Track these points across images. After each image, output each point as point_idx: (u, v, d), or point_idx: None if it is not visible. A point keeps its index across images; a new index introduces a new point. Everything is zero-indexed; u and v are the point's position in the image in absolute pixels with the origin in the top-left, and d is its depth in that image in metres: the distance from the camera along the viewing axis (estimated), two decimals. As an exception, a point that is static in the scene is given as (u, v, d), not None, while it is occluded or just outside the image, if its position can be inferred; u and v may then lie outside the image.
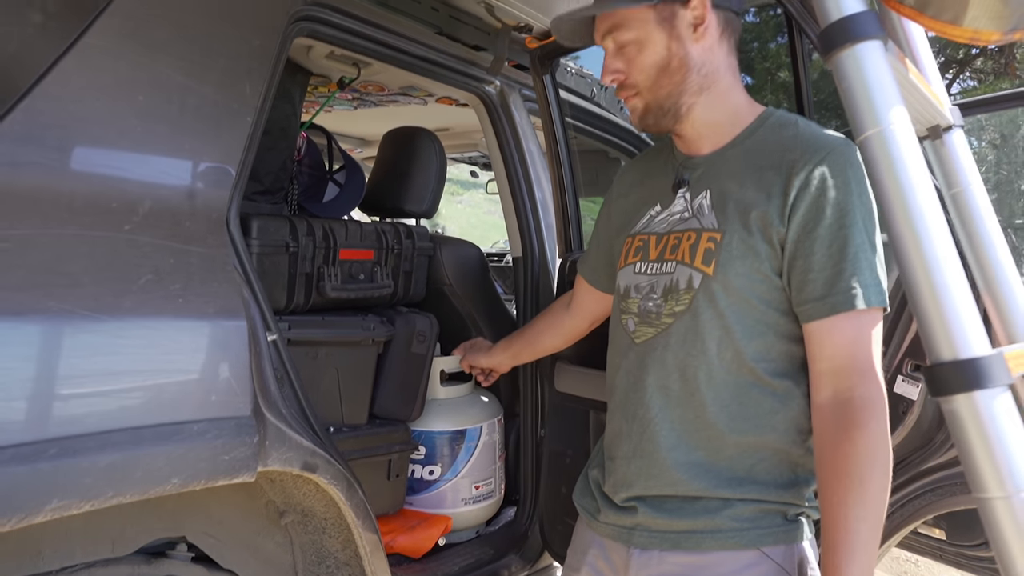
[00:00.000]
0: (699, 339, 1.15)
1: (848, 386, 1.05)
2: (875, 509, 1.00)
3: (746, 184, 1.15)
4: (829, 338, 1.08)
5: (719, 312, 1.14)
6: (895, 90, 0.79)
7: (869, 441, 1.01)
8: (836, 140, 1.12)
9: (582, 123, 2.53)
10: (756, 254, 1.11)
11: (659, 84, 1.17)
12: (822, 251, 1.07)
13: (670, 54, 1.16)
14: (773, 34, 10.68)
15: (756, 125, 1.20)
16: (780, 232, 1.10)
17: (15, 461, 0.89)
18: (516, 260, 2.15)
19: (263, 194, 1.83)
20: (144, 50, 1.18)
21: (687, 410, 1.17)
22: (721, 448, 1.15)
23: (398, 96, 2.50)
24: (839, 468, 1.02)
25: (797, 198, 1.09)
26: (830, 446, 1.05)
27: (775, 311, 1.13)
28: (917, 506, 1.45)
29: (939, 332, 0.76)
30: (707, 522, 1.14)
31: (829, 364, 1.08)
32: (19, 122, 1.02)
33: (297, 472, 1.26)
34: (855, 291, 1.05)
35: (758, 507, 1.13)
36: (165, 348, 1.08)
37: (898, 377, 1.38)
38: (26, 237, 0.98)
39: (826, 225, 1.07)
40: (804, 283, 1.09)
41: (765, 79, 10.14)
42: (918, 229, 0.77)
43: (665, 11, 1.15)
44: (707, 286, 1.14)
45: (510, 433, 2.19)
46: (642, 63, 1.17)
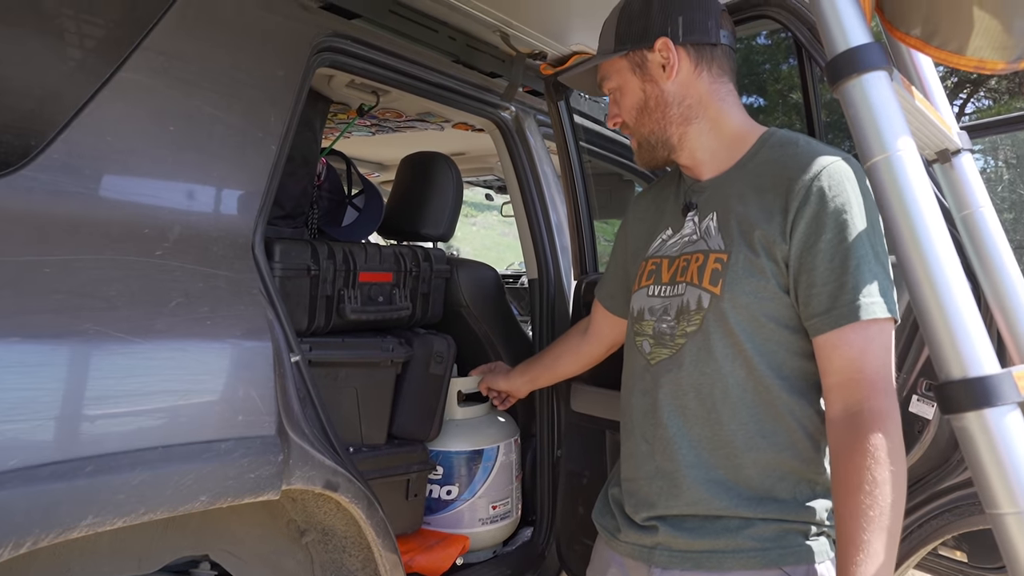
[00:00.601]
0: (712, 358, 1.17)
1: (858, 399, 1.06)
2: (887, 522, 1.00)
3: (749, 204, 1.18)
4: (836, 352, 1.09)
5: (729, 331, 1.16)
6: (900, 118, 0.82)
7: (883, 452, 1.01)
8: (834, 156, 1.14)
9: (596, 146, 2.56)
10: (762, 272, 1.14)
11: (641, 123, 1.29)
12: (824, 265, 1.09)
13: (646, 95, 1.28)
14: (784, 56, 10.73)
15: (758, 146, 1.24)
16: (784, 249, 1.12)
17: (53, 478, 0.92)
18: (532, 282, 2.18)
19: (284, 219, 1.87)
20: (175, 83, 1.23)
21: (704, 428, 1.18)
22: (740, 466, 1.16)
23: (415, 122, 2.55)
24: (852, 481, 1.02)
25: (797, 215, 1.11)
26: (843, 459, 1.06)
27: (785, 328, 1.15)
28: (935, 526, 1.45)
29: (949, 351, 0.78)
30: (728, 542, 1.14)
31: (838, 378, 1.09)
32: (60, 152, 1.07)
33: (319, 490, 1.28)
34: (859, 303, 1.06)
35: (779, 526, 1.14)
36: (194, 369, 1.12)
37: (913, 397, 1.39)
38: (65, 261, 1.02)
39: (827, 240, 1.09)
40: (809, 298, 1.11)
41: (777, 101, 10.17)
42: (925, 251, 0.79)
43: (636, 58, 1.27)
44: (716, 306, 1.17)
45: (527, 453, 2.20)
46: (626, 106, 1.30)
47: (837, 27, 0.86)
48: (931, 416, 1.36)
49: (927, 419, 1.37)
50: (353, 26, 1.65)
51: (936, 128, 1.04)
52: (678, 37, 1.23)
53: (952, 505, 1.42)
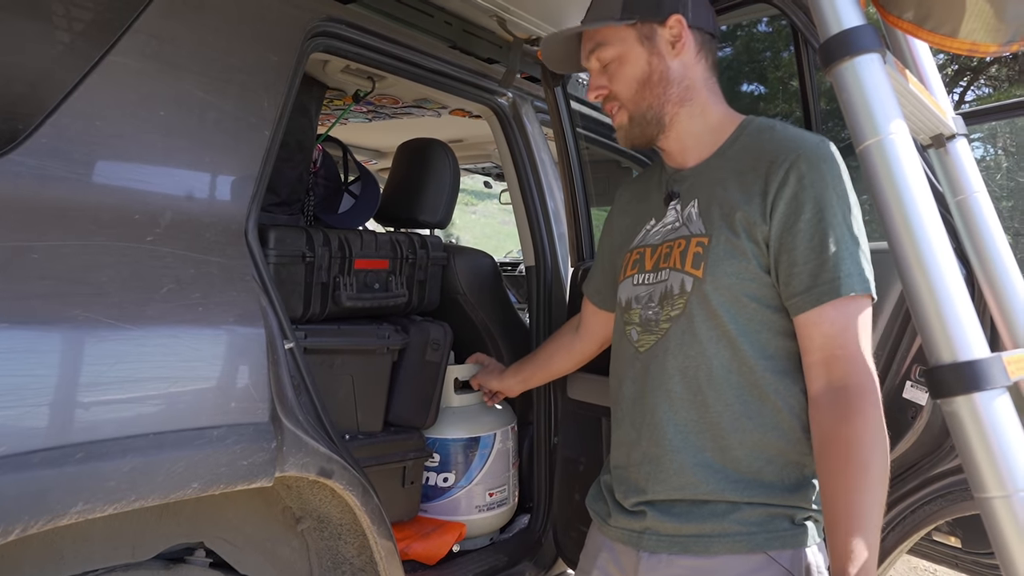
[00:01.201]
0: (696, 341, 1.18)
1: (841, 375, 1.08)
2: (879, 493, 1.01)
3: (729, 188, 1.20)
4: (817, 329, 1.10)
5: (712, 312, 1.17)
6: (893, 101, 0.81)
7: (868, 427, 1.03)
8: (811, 138, 1.17)
9: (593, 133, 2.55)
10: (743, 254, 1.15)
11: (641, 96, 1.26)
12: (804, 245, 1.11)
13: (651, 68, 1.25)
14: (785, 44, 10.67)
15: (737, 133, 1.26)
16: (764, 230, 1.14)
17: (44, 464, 0.92)
18: (529, 269, 2.18)
19: (280, 205, 1.86)
20: (166, 67, 1.22)
21: (691, 411, 1.19)
22: (727, 448, 1.17)
23: (412, 108, 2.54)
24: (839, 456, 1.04)
25: (776, 196, 1.13)
26: (828, 435, 1.07)
27: (768, 308, 1.16)
28: (928, 511, 1.45)
29: (939, 335, 0.78)
30: (715, 526, 1.16)
31: (820, 355, 1.10)
32: (47, 136, 1.06)
33: (313, 478, 1.28)
34: (838, 280, 1.08)
35: (765, 511, 1.15)
36: (186, 356, 1.11)
37: (907, 383, 1.39)
38: (54, 247, 1.01)
39: (806, 219, 1.11)
40: (790, 277, 1.12)
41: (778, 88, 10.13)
42: (916, 235, 0.79)
43: (645, 29, 1.25)
44: (698, 288, 1.18)
45: (523, 441, 2.21)
46: (624, 77, 1.26)
47: (830, 9, 0.85)
48: (924, 402, 1.36)
49: (920, 405, 1.37)
50: (348, 10, 1.64)
51: (931, 112, 1.04)
52: (688, 17, 1.24)
53: (945, 491, 1.43)
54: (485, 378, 1.97)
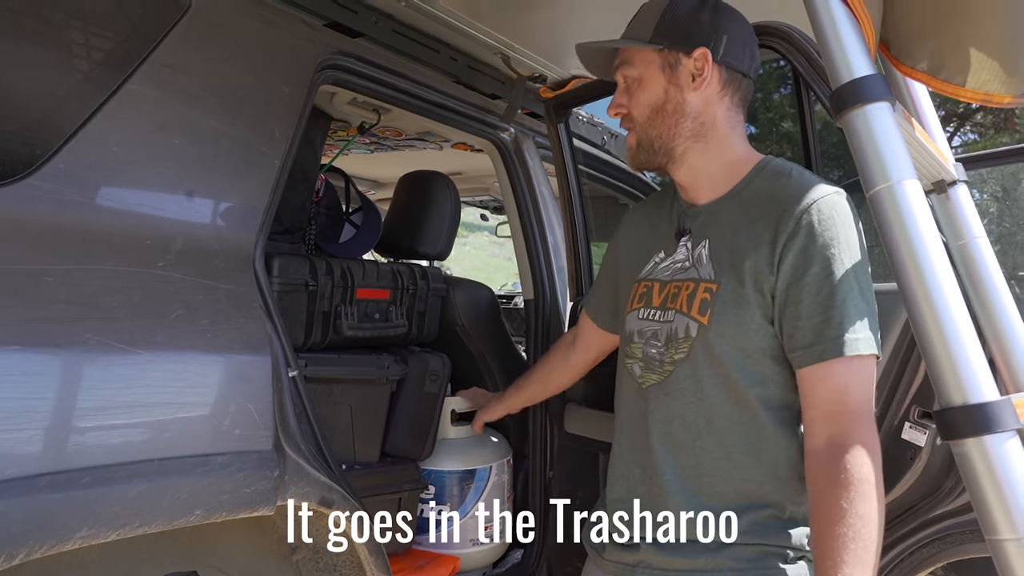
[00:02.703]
0: (699, 387, 1.18)
1: (841, 431, 1.06)
2: (865, 555, 0.99)
3: (739, 235, 1.19)
4: (821, 384, 1.09)
5: (716, 360, 1.17)
6: (903, 148, 0.84)
7: (863, 486, 1.01)
8: (826, 190, 1.14)
9: (593, 170, 2.59)
10: (748, 304, 1.14)
11: (652, 123, 1.24)
12: (810, 299, 1.09)
13: (667, 97, 1.23)
14: (776, 85, 10.88)
15: (753, 175, 1.24)
16: (771, 281, 1.13)
17: (50, 488, 0.91)
18: (528, 302, 2.19)
19: (283, 234, 1.87)
20: (181, 96, 1.23)
21: (689, 456, 1.19)
22: (723, 494, 1.17)
23: (415, 141, 2.57)
24: (833, 512, 1.01)
25: (785, 248, 1.12)
26: (824, 490, 1.05)
27: (771, 360, 1.16)
28: (926, 554, 1.45)
29: (949, 378, 0.79)
30: (708, 561, 1.15)
31: (821, 410, 1.09)
32: (65, 162, 1.07)
33: (314, 507, 1.27)
34: (843, 339, 1.07)
35: (759, 549, 1.15)
36: (193, 381, 1.11)
37: (905, 424, 1.40)
38: (67, 271, 1.02)
39: (814, 273, 1.10)
40: (794, 331, 1.11)
41: (769, 129, 10.30)
42: (927, 278, 0.81)
43: (670, 57, 1.22)
44: (703, 336, 1.17)
45: (519, 474, 2.19)
46: (640, 100, 1.25)
47: (842, 59, 0.88)
48: (923, 443, 1.37)
49: (919, 446, 1.38)
50: (357, 44, 1.67)
51: (933, 159, 1.06)
52: (718, 53, 1.21)
53: (943, 533, 1.43)
54: (487, 414, 1.93)
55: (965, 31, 0.91)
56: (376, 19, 1.75)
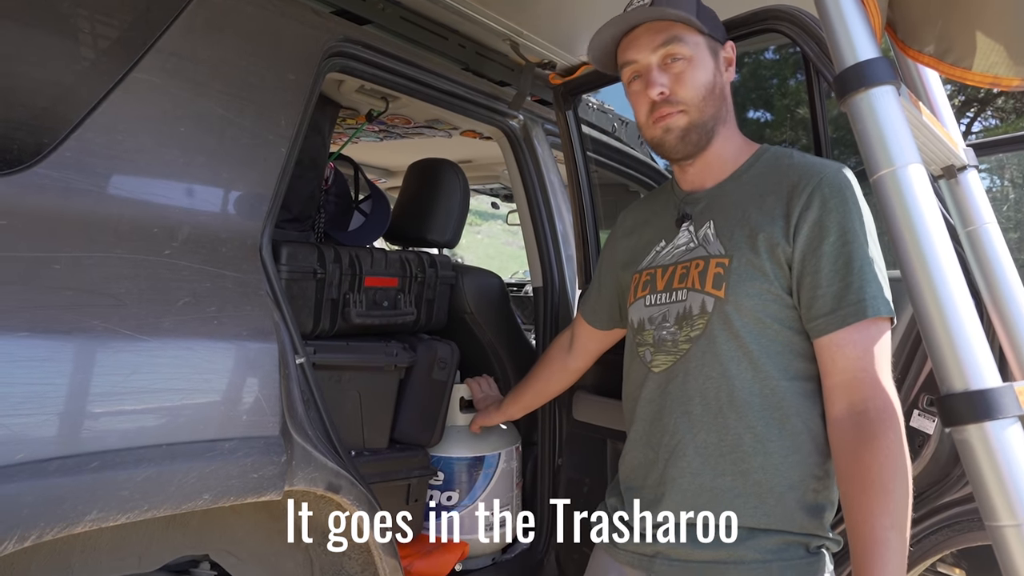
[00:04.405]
0: (717, 361, 1.18)
1: (862, 397, 1.08)
2: (901, 516, 1.01)
3: (749, 211, 1.21)
4: (840, 351, 1.11)
5: (734, 333, 1.17)
6: (907, 132, 0.83)
7: (889, 450, 1.03)
8: (831, 165, 1.20)
9: (603, 157, 2.57)
10: (765, 275, 1.16)
11: (706, 103, 1.25)
12: (828, 267, 1.12)
13: (714, 80, 1.26)
14: (792, 71, 10.75)
15: (753, 160, 1.29)
16: (787, 251, 1.15)
17: (60, 472, 0.93)
18: (537, 290, 2.19)
19: (291, 222, 1.88)
20: (187, 85, 1.24)
21: (711, 434, 1.19)
22: (747, 471, 1.16)
23: (423, 129, 2.56)
24: (863, 479, 1.03)
25: (800, 219, 1.15)
26: (851, 458, 1.06)
27: (789, 330, 1.17)
28: (934, 541, 1.44)
29: (951, 364, 0.79)
30: (729, 553, 1.14)
31: (842, 377, 1.11)
32: (72, 150, 1.08)
33: (321, 492, 1.29)
34: (864, 303, 1.09)
35: (781, 538, 1.14)
36: (201, 368, 1.13)
37: (914, 411, 1.39)
38: (75, 259, 1.03)
39: (830, 243, 1.12)
40: (813, 299, 1.13)
41: (785, 115, 10.20)
42: (929, 263, 0.80)
43: (712, 43, 1.28)
44: (720, 309, 1.18)
45: (527, 461, 2.20)
46: (694, 80, 1.24)
47: (846, 41, 0.86)
48: (932, 431, 1.36)
49: (927, 434, 1.37)
50: (364, 32, 1.67)
51: (943, 144, 1.05)
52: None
53: (952, 520, 1.42)
54: (486, 418, 1.96)
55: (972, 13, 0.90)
56: (383, 6, 1.75)
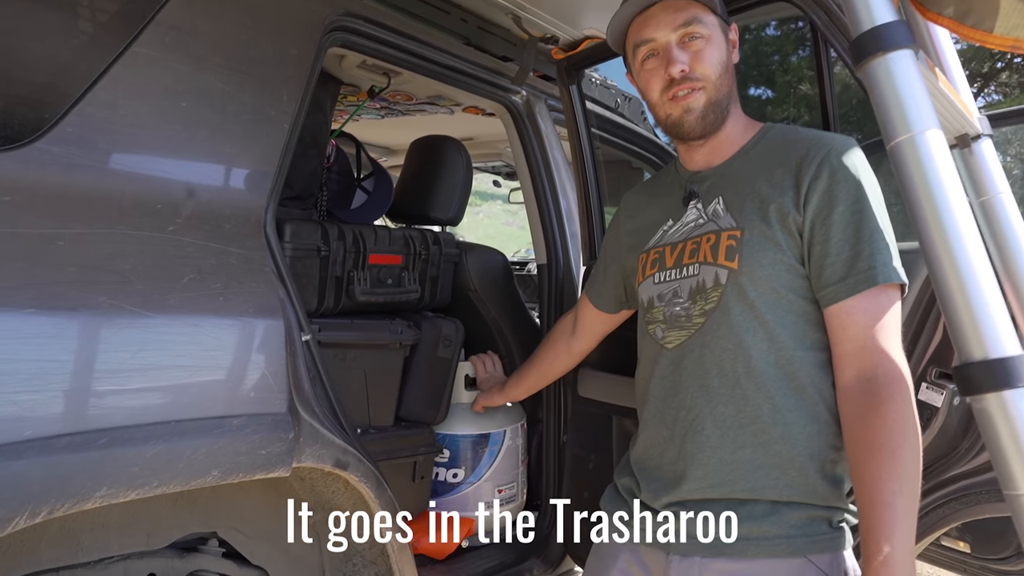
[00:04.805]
0: (733, 333, 1.18)
1: (872, 364, 1.08)
2: (910, 481, 1.00)
3: (758, 184, 1.22)
4: (851, 319, 1.11)
5: (749, 304, 1.17)
6: (926, 98, 0.81)
7: (898, 415, 1.03)
8: (839, 137, 1.21)
9: (606, 133, 2.55)
10: (777, 245, 1.16)
11: (722, 82, 1.26)
12: (838, 235, 1.12)
13: (728, 60, 1.28)
14: (794, 48, 10.66)
15: (759, 137, 1.30)
16: (798, 221, 1.16)
17: (69, 449, 0.92)
18: (541, 267, 2.18)
19: (294, 200, 1.86)
20: (188, 59, 1.22)
21: (729, 406, 1.18)
22: (768, 443, 1.15)
23: (425, 105, 2.54)
24: (871, 444, 1.03)
25: (810, 188, 1.15)
26: (859, 424, 1.06)
27: (803, 299, 1.17)
28: (941, 515, 1.44)
29: (970, 332, 0.78)
30: (752, 529, 1.14)
31: (852, 345, 1.11)
32: (72, 126, 1.07)
33: (329, 469, 1.29)
34: (875, 269, 1.09)
35: (805, 513, 1.13)
36: (207, 345, 1.12)
37: (922, 384, 1.39)
38: (79, 235, 1.02)
39: (840, 211, 1.13)
40: (823, 268, 1.13)
41: (787, 92, 10.12)
42: (948, 231, 0.79)
43: (722, 24, 1.29)
44: (734, 280, 1.18)
45: (533, 438, 2.21)
46: (712, 59, 1.25)
47: (863, 5, 0.85)
48: (939, 404, 1.35)
49: (935, 407, 1.37)
50: (366, 6, 1.64)
51: (957, 111, 1.03)
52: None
53: (960, 493, 1.42)
54: (488, 398, 1.97)
55: None
56: (384, -21, 1.72)
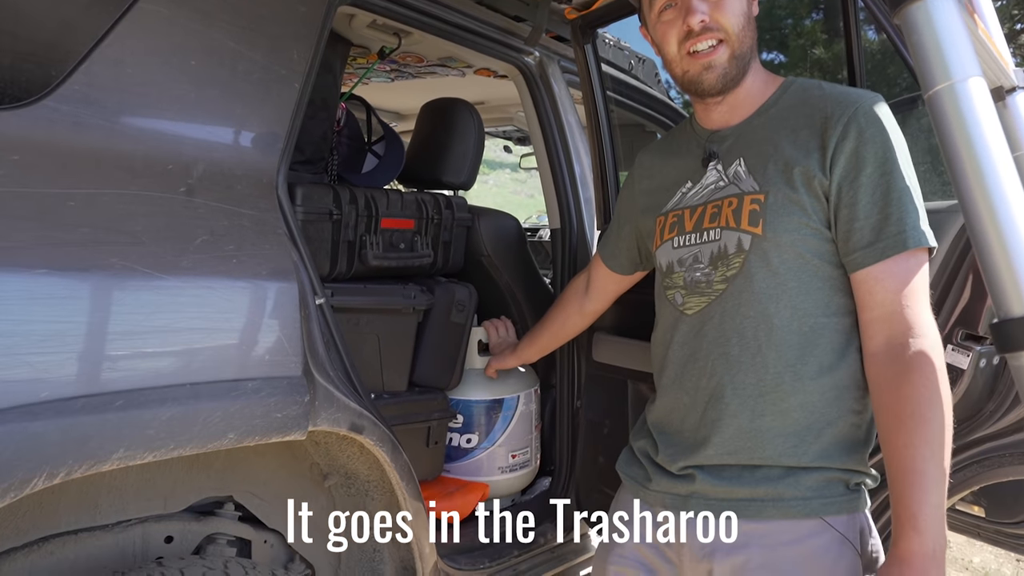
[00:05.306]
0: (756, 299, 1.15)
1: (902, 330, 1.05)
2: (941, 448, 0.99)
3: (782, 145, 1.17)
4: (879, 284, 1.08)
5: (773, 270, 1.14)
6: (968, 43, 0.78)
7: (929, 382, 1.01)
8: (865, 94, 1.15)
9: (620, 96, 2.50)
10: (803, 209, 1.13)
11: (745, 33, 1.21)
12: (866, 199, 1.09)
13: (749, 11, 1.22)
14: (808, 10, 10.45)
15: (779, 93, 1.24)
16: (824, 184, 1.12)
17: (85, 411, 0.92)
18: (554, 232, 2.15)
19: (304, 164, 1.84)
20: (196, 15, 1.19)
21: (749, 374, 1.16)
22: (787, 410, 1.14)
23: (436, 67, 2.49)
24: (901, 411, 1.02)
25: (837, 150, 1.11)
26: (889, 391, 1.05)
27: (829, 264, 1.14)
28: (963, 478, 1.43)
29: (1010, 288, 0.75)
30: (768, 490, 1.13)
31: (881, 311, 1.08)
32: (80, 84, 1.04)
33: (344, 433, 1.28)
34: (904, 234, 1.06)
35: (821, 475, 1.13)
36: (221, 307, 1.10)
37: (948, 346, 1.36)
38: (91, 195, 1.00)
39: (868, 173, 1.09)
40: (850, 232, 1.10)
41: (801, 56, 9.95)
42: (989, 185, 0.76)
43: None
44: (758, 246, 1.15)
45: (546, 403, 2.20)
46: (733, 8, 1.20)
47: (902, -54, 0.81)
48: (966, 366, 1.33)
49: (961, 369, 1.35)
50: (376, -38, 1.60)
51: (995, 62, 0.99)
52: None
53: (982, 456, 1.41)
54: (501, 360, 1.96)
55: None
56: (395, -65, 1.67)
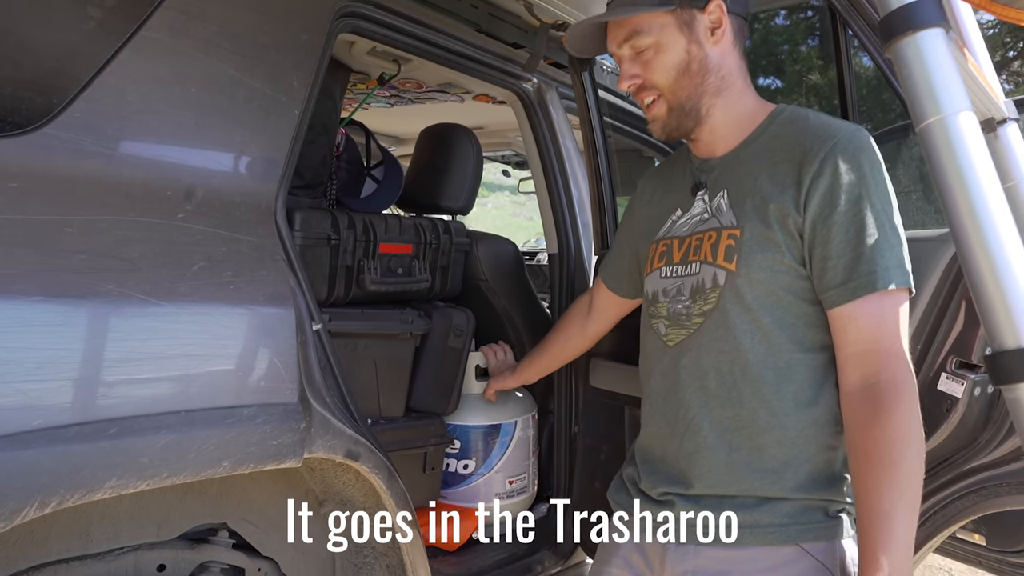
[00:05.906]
0: (730, 335, 1.16)
1: (875, 370, 1.05)
2: (910, 491, 0.99)
3: (761, 179, 1.16)
4: (853, 323, 1.07)
5: (747, 307, 1.14)
6: (957, 78, 0.79)
7: (899, 424, 1.00)
8: (847, 127, 1.14)
9: (618, 121, 2.53)
10: (776, 246, 1.12)
11: (680, 85, 1.20)
12: (839, 237, 1.08)
13: (690, 56, 1.19)
14: (804, 37, 10.57)
15: (767, 123, 1.23)
16: (798, 221, 1.11)
17: (78, 439, 0.91)
18: (552, 256, 2.16)
19: (303, 188, 1.85)
20: (197, 44, 1.20)
21: (726, 409, 1.17)
22: (763, 446, 1.14)
23: (435, 93, 2.52)
24: (870, 453, 1.01)
25: (811, 187, 1.10)
26: (860, 431, 1.04)
27: (804, 301, 1.14)
28: (959, 507, 1.43)
29: (1003, 321, 0.76)
30: (745, 517, 1.13)
31: (854, 349, 1.08)
32: (81, 111, 1.05)
33: (340, 460, 1.27)
34: (875, 274, 1.05)
35: (799, 503, 1.13)
36: (218, 334, 1.10)
37: (942, 374, 1.36)
38: (88, 222, 1.00)
39: (841, 211, 1.08)
40: (824, 270, 1.10)
41: (797, 81, 10.05)
42: (980, 216, 0.76)
43: (684, 15, 1.19)
44: (732, 282, 1.15)
45: (544, 429, 2.19)
46: (663, 65, 1.20)
47: (892, -18, 0.82)
48: (960, 394, 1.33)
49: (955, 397, 1.34)
50: (376, -9, 1.62)
51: (984, 94, 1.01)
52: (728, 4, 1.20)
53: (979, 486, 1.40)
54: (501, 381, 1.95)
55: None
56: (394, -36, 1.70)
